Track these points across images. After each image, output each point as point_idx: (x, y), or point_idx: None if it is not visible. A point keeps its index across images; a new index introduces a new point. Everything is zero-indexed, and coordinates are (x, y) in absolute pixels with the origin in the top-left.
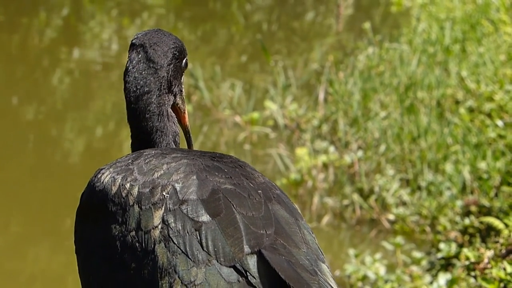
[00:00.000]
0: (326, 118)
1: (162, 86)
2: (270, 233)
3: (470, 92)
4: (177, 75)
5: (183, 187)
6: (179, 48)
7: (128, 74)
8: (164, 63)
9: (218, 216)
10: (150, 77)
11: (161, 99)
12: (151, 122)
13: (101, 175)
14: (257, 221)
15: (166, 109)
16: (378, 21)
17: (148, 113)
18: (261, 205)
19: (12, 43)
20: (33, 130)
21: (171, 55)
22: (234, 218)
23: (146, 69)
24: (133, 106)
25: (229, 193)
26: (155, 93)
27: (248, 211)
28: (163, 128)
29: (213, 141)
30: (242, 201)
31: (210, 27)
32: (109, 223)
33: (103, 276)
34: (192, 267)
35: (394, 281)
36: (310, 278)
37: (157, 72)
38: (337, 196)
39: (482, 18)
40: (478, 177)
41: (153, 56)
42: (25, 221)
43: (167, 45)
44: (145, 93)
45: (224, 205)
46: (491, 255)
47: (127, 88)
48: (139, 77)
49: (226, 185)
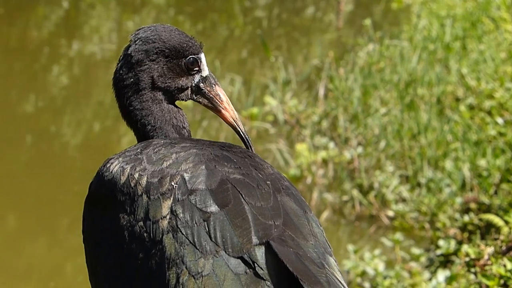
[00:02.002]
0: (326, 114)
1: (142, 82)
2: (279, 224)
3: (470, 90)
4: (169, 72)
5: (192, 177)
6: (172, 44)
7: (115, 70)
8: (143, 59)
9: (226, 206)
10: (127, 71)
11: (144, 95)
12: (134, 116)
13: (110, 165)
14: (266, 212)
15: (157, 105)
16: (379, 18)
17: (130, 107)
18: (270, 196)
19: (11, 36)
20: (31, 123)
21: (155, 51)
22: (242, 209)
23: (125, 63)
24: (118, 101)
25: (238, 183)
26: (132, 87)
27: (256, 201)
28: (154, 122)
29: (213, 136)
30: (251, 191)
31: (210, 22)
32: (118, 212)
33: (110, 265)
34: (200, 258)
35: (393, 277)
36: (317, 271)
37: (133, 66)
38: (336, 192)
39: (482, 16)
40: (478, 175)
41: (132, 51)
42: (21, 215)
43: (152, 41)
44: (123, 87)
45: (233, 195)
46: (491, 251)
47: (112, 83)
48: (119, 71)
49: (235, 175)
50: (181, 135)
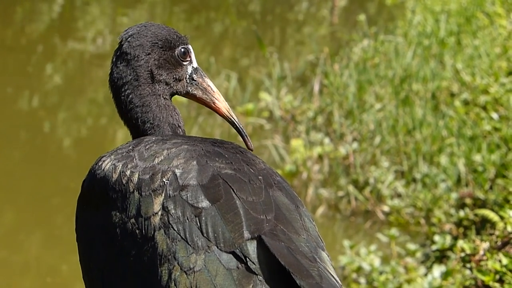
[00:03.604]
0: (321, 109)
1: (141, 77)
2: (270, 218)
3: (465, 85)
4: (166, 64)
5: (183, 173)
6: (163, 37)
7: (110, 70)
8: (139, 53)
9: (218, 201)
10: (125, 69)
11: (143, 90)
12: (134, 113)
13: (102, 163)
14: (257, 206)
15: (156, 100)
16: (373, 13)
17: (130, 104)
18: (262, 191)
19: (6, 33)
20: (25, 120)
21: (149, 44)
22: (234, 204)
23: (121, 61)
24: (116, 100)
25: (229, 178)
26: (132, 83)
27: (248, 196)
28: (153, 119)
29: (208, 132)
30: (242, 186)
31: (205, 18)
32: (110, 210)
33: (103, 262)
34: (192, 254)
35: (388, 272)
36: (309, 265)
37: (130, 62)
38: (332, 188)
39: (477, 11)
40: (473, 170)
41: (126, 48)
42: (18, 212)
43: (144, 35)
44: (122, 85)
45: (224, 190)
46: (487, 247)
47: (109, 83)
48: (116, 70)
49: (227, 170)
50: (176, 134)
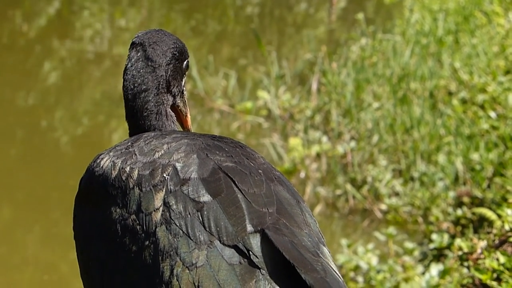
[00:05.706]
0: (319, 108)
1: (160, 85)
2: (272, 211)
3: (463, 84)
4: (177, 76)
5: (184, 166)
6: (180, 49)
7: (127, 72)
8: (162, 62)
9: (219, 195)
10: (148, 76)
11: (159, 98)
12: (148, 120)
13: (100, 160)
14: (259, 199)
15: (164, 109)
16: (371, 12)
17: (146, 111)
18: (263, 183)
19: (3, 32)
20: (23, 119)
21: (171, 55)
22: (235, 197)
23: (144, 67)
24: (130, 104)
25: (230, 170)
26: (153, 91)
27: (249, 187)
28: (161, 126)
29: (207, 130)
30: (244, 178)
31: (203, 17)
32: (110, 206)
33: (103, 259)
34: (194, 249)
35: (386, 271)
36: (313, 259)
37: (155, 70)
38: (329, 186)
39: (475, 10)
40: (470, 168)
41: (151, 54)
42: (15, 209)
43: (167, 44)
44: (142, 91)
45: (225, 184)
46: (484, 245)
47: (125, 86)
48: (137, 75)
49: (227, 163)
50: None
